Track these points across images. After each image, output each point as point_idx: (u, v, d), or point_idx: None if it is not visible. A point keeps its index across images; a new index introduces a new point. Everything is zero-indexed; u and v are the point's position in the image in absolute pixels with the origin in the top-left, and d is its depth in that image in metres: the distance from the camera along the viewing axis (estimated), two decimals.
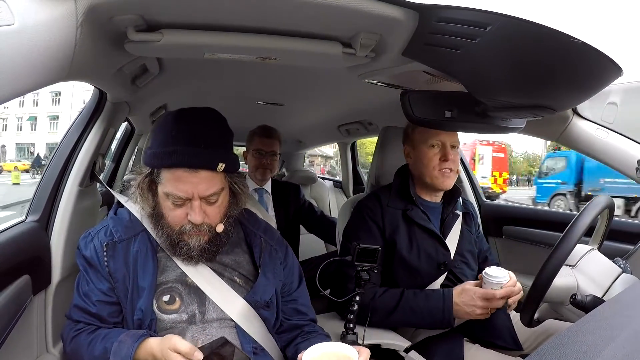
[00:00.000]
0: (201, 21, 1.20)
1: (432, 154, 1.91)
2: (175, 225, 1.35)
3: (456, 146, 1.93)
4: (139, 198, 1.39)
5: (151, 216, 1.40)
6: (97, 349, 1.30)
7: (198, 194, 1.31)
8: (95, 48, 1.14)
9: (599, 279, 1.57)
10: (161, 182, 1.34)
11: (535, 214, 2.77)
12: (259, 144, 2.87)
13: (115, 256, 1.37)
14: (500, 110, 1.42)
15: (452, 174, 1.92)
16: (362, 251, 1.59)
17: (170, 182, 1.31)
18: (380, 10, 1.12)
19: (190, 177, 1.29)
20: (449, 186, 1.94)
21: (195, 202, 1.32)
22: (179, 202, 1.32)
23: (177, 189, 1.30)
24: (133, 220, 1.44)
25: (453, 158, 1.90)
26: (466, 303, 1.69)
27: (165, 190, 1.32)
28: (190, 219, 1.33)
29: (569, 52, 1.01)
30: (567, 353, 0.66)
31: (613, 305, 0.92)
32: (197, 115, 1.36)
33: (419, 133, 1.95)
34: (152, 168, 1.36)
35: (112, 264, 1.36)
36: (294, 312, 1.57)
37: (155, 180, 1.36)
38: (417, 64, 1.42)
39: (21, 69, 0.83)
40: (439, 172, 1.90)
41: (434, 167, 1.91)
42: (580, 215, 1.48)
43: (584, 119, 1.91)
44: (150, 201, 1.38)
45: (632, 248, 1.90)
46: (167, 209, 1.35)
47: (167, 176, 1.32)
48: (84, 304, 1.37)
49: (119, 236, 1.40)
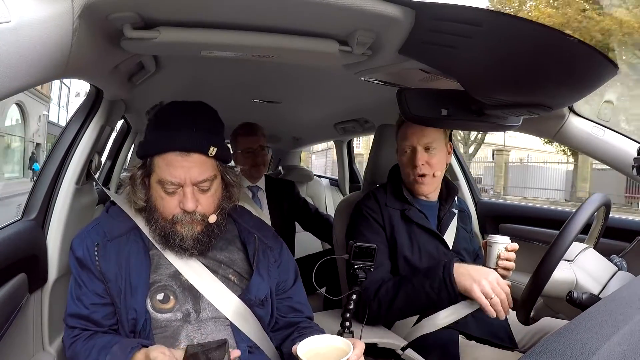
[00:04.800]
0: (198, 19, 1.20)
1: (405, 160, 1.90)
2: (168, 215, 1.35)
3: (432, 147, 1.87)
4: (131, 191, 1.39)
5: (143, 210, 1.40)
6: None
7: (190, 179, 1.31)
8: (92, 46, 1.13)
9: (596, 275, 1.57)
10: (154, 171, 1.34)
11: (532, 211, 2.77)
12: (246, 143, 2.86)
13: (107, 256, 1.36)
14: (496, 108, 1.42)
15: (427, 178, 1.88)
16: (359, 250, 1.59)
17: (162, 168, 1.31)
18: (377, 8, 1.12)
19: (182, 161, 1.30)
20: (425, 192, 1.92)
21: (187, 189, 1.32)
22: (171, 189, 1.32)
23: (169, 175, 1.31)
24: (125, 217, 1.44)
25: (427, 161, 1.86)
26: (479, 271, 1.62)
27: (158, 177, 1.33)
28: (183, 206, 1.33)
29: (564, 51, 1.01)
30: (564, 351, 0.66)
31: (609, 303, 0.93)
32: (188, 105, 1.39)
33: (398, 136, 1.94)
34: (145, 158, 1.37)
35: (104, 263, 1.35)
36: (290, 309, 1.56)
37: (148, 171, 1.36)
38: (414, 62, 1.42)
39: (17, 67, 0.83)
40: (414, 178, 1.88)
41: (407, 174, 1.91)
42: (576, 213, 1.48)
43: (580, 116, 1.91)
44: (142, 194, 1.39)
45: (628, 245, 1.91)
46: (159, 198, 1.35)
47: (159, 163, 1.33)
48: (77, 309, 1.36)
49: (111, 235, 1.39)
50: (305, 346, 1.14)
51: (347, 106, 2.91)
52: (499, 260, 1.70)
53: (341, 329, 1.60)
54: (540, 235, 2.52)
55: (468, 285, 1.59)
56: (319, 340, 1.17)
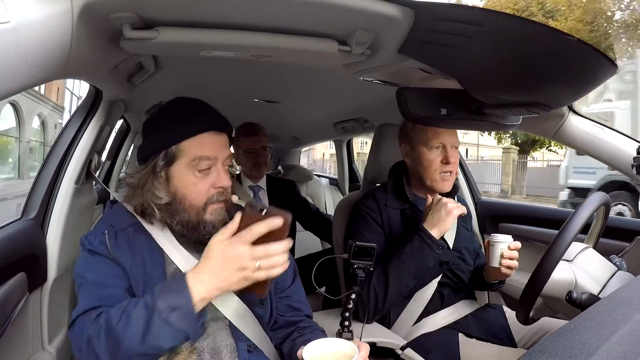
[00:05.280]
0: (197, 19, 1.20)
1: (434, 156, 1.89)
2: (201, 200, 1.33)
3: (456, 147, 1.91)
4: (150, 191, 1.34)
5: (168, 205, 1.35)
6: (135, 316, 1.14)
7: (223, 157, 1.34)
8: (91, 46, 1.13)
9: (595, 275, 1.57)
10: (181, 157, 1.32)
11: (532, 211, 2.77)
12: (248, 143, 2.86)
13: (119, 245, 1.32)
14: (495, 107, 1.42)
15: (451, 176, 1.90)
16: (358, 249, 1.59)
17: (195, 149, 1.31)
18: (376, 8, 1.12)
19: (217, 140, 1.34)
20: (447, 189, 1.92)
21: (219, 166, 1.34)
22: (206, 164, 1.32)
23: (206, 152, 1.31)
24: (129, 214, 1.40)
25: (454, 160, 1.88)
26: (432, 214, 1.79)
27: (190, 159, 1.31)
28: (220, 183, 1.33)
29: (564, 50, 1.01)
30: (563, 350, 0.66)
31: (609, 303, 0.93)
32: (193, 98, 1.40)
33: (418, 132, 1.91)
34: (160, 152, 1.32)
35: (117, 250, 1.31)
36: (289, 308, 1.55)
37: (169, 161, 1.33)
38: (413, 62, 1.42)
39: (17, 67, 0.83)
40: (440, 175, 1.89)
41: (435, 170, 1.89)
42: (576, 212, 1.48)
43: (580, 115, 1.91)
44: (167, 188, 1.34)
45: (628, 245, 1.91)
46: (190, 184, 1.33)
47: (189, 146, 1.31)
48: (97, 292, 1.26)
49: (119, 226, 1.36)
50: (311, 350, 1.14)
51: (346, 106, 2.91)
52: (502, 259, 1.70)
53: (340, 328, 1.60)
54: (539, 235, 2.51)
55: (440, 225, 1.77)
56: (324, 343, 1.17)
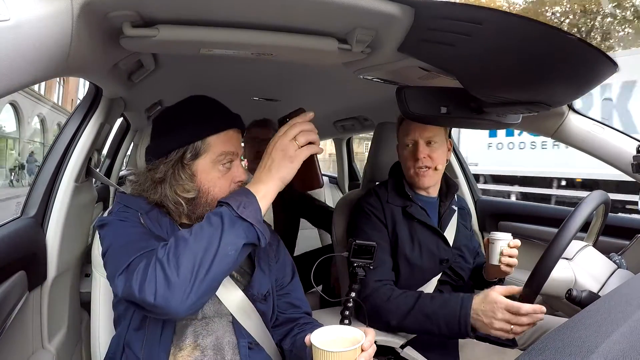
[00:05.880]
0: (197, 17, 1.19)
1: (407, 154, 1.92)
2: (224, 193, 1.34)
3: (433, 141, 1.89)
4: (174, 184, 1.33)
5: (192, 200, 1.35)
6: (206, 224, 1.12)
7: (240, 153, 1.42)
8: (91, 44, 1.13)
9: (595, 273, 1.58)
10: (207, 152, 1.34)
11: (531, 209, 2.78)
12: (255, 133, 2.90)
13: (151, 224, 1.31)
14: (495, 105, 1.42)
15: (429, 171, 1.89)
16: (358, 247, 1.59)
17: (221, 144, 1.35)
18: (376, 6, 1.11)
19: (237, 137, 1.41)
20: (427, 184, 1.92)
21: (237, 161, 1.40)
22: (229, 158, 1.37)
23: (230, 147, 1.37)
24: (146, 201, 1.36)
25: (429, 154, 1.87)
26: (486, 313, 1.54)
27: (217, 154, 1.35)
28: (240, 177, 1.40)
29: (564, 49, 1.01)
30: (563, 348, 0.66)
31: (609, 301, 0.92)
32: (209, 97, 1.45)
33: (400, 132, 1.96)
34: (191, 143, 1.33)
35: (152, 227, 1.30)
36: (288, 305, 1.56)
37: (196, 154, 1.33)
38: (413, 60, 1.42)
39: (17, 65, 0.83)
40: (415, 171, 1.89)
41: (409, 167, 1.92)
42: (575, 210, 1.48)
43: (580, 114, 1.91)
44: (192, 183, 1.34)
45: (628, 243, 1.91)
46: (215, 179, 1.36)
47: (215, 142, 1.35)
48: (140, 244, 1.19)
49: (142, 209, 1.33)
50: (319, 335, 1.15)
51: (346, 104, 2.91)
52: (502, 256, 1.70)
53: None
54: (539, 233, 2.52)
55: (483, 328, 1.56)
56: (332, 329, 1.18)
